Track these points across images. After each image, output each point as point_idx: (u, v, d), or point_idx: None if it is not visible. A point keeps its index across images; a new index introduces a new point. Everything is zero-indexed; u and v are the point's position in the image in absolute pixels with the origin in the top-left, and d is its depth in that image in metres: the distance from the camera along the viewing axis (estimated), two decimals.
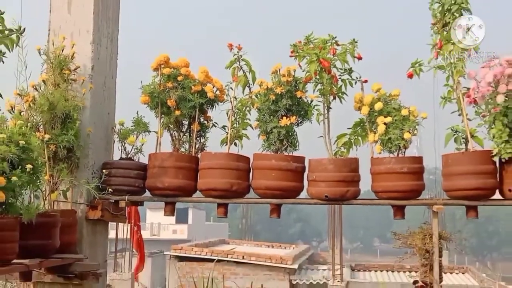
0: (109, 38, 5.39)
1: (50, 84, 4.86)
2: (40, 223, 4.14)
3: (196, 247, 19.30)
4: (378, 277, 18.84)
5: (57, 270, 4.69)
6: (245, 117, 5.25)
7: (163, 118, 5.21)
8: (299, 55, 4.94)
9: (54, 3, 5.20)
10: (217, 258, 16.28)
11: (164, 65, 5.14)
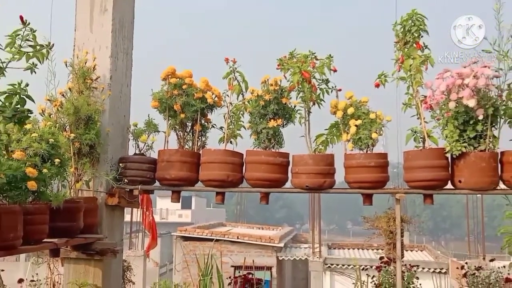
0: (125, 52, 5.38)
1: (75, 91, 4.85)
2: (67, 208, 4.13)
3: (198, 228, 19.28)
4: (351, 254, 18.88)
5: (81, 248, 4.70)
6: (239, 119, 5.25)
7: (170, 120, 5.20)
8: (284, 67, 4.96)
9: (79, 23, 5.18)
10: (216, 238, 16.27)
11: (171, 75, 5.14)
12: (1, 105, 3.06)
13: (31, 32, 3.10)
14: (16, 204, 3.54)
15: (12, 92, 3.04)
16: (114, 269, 5.11)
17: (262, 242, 17.91)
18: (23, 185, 3.60)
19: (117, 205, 5.05)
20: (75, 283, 4.68)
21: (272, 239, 18.08)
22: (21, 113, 3.09)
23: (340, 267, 16.60)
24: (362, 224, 6.87)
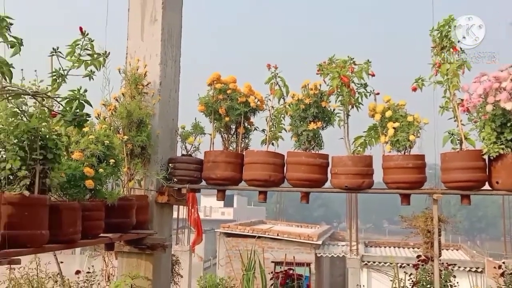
0: (173, 60, 5.46)
1: (128, 96, 4.95)
2: (120, 205, 4.23)
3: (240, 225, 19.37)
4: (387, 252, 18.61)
5: (133, 242, 4.78)
6: (280, 122, 5.26)
7: (216, 123, 5.25)
8: (323, 72, 4.95)
9: (131, 33, 5.29)
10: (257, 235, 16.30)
11: (216, 81, 5.19)
12: (62, 109, 3.16)
13: (89, 42, 3.19)
14: (75, 201, 3.65)
15: (72, 98, 3.13)
16: (163, 263, 5.19)
17: (301, 240, 17.84)
18: (81, 184, 3.71)
19: (167, 203, 5.13)
20: (128, 275, 4.77)
21: (310, 237, 17.98)
22: (80, 117, 3.18)
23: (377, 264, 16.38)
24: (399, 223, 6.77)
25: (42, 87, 3.18)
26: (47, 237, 3.23)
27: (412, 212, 5.90)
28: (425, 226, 5.39)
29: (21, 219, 3.04)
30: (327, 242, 20.14)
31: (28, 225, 3.09)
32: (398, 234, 32.71)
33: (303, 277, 6.67)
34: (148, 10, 5.20)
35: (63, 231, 3.43)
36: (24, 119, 3.15)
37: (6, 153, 3.11)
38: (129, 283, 4.71)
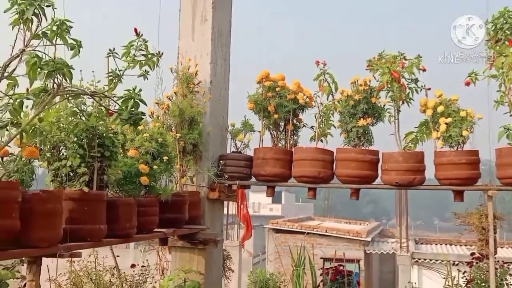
0: (223, 59, 5.50)
1: (180, 95, 5.02)
2: (174, 201, 4.30)
3: (289, 222, 19.31)
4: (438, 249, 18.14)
5: (186, 237, 4.86)
6: (329, 119, 5.22)
7: (265, 120, 5.26)
8: (373, 68, 4.87)
9: (182, 33, 5.36)
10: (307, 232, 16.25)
11: (265, 79, 5.20)
12: (118, 108, 3.25)
13: (144, 43, 3.26)
14: (131, 197, 3.74)
15: (128, 97, 3.21)
16: (215, 257, 5.25)
17: (350, 236, 17.63)
18: (136, 180, 3.80)
19: (218, 198, 5.19)
20: (181, 269, 4.85)
21: (359, 233, 17.75)
22: (135, 116, 3.25)
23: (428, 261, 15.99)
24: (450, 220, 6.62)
25: (99, 87, 3.27)
26: (105, 231, 3.33)
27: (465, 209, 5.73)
28: (479, 223, 5.23)
29: (81, 214, 3.15)
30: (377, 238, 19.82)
31: (87, 220, 3.20)
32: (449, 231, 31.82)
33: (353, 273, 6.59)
34: (198, 10, 5.25)
35: (120, 226, 3.53)
36: (83, 118, 3.26)
37: (66, 151, 3.23)
38: (182, 277, 4.79)
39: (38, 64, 2.70)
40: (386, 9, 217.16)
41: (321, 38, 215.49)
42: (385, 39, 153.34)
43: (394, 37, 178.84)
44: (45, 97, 2.88)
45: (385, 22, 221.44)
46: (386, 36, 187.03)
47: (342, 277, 6.28)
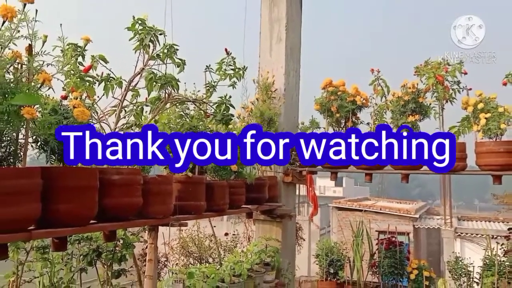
0: (295, 70, 5.46)
1: (260, 100, 5.05)
2: (256, 183, 4.33)
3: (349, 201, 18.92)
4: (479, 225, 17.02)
5: (267, 212, 4.89)
6: (382, 116, 5.03)
7: (328, 119, 5.17)
8: (420, 73, 4.64)
9: (262, 51, 5.37)
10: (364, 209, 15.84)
11: (329, 85, 5.10)
12: (214, 111, 3.32)
13: (232, 59, 3.31)
14: (224, 181, 3.81)
15: (220, 102, 3.27)
16: (290, 228, 5.25)
17: (400, 214, 16.99)
18: (228, 167, 3.86)
19: (291, 182, 5.17)
20: (263, 237, 4.90)
21: (409, 211, 17.04)
22: (226, 117, 3.32)
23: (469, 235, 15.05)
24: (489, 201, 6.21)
25: (199, 95, 3.37)
26: (205, 207, 3.42)
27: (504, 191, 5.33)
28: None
29: (186, 193, 3.25)
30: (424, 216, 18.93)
31: (191, 198, 3.29)
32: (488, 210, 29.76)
33: (404, 243, 6.34)
34: (275, 33, 5.25)
35: (216, 202, 3.60)
36: (187, 120, 3.36)
37: None
38: (264, 243, 4.84)
39: (153, 79, 2.82)
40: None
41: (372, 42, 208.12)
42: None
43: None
44: (159, 104, 3.00)
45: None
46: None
47: (394, 247, 6.06)
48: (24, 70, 1.99)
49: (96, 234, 3.92)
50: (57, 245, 2.29)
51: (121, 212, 2.56)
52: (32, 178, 1.99)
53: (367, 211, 16.36)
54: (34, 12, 2.01)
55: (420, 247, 19.48)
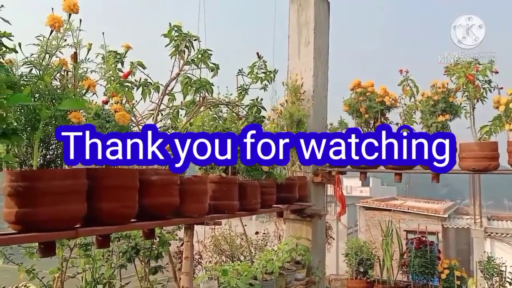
0: (323, 72, 5.41)
1: (289, 102, 5.03)
2: (287, 183, 4.30)
3: (376, 201, 18.61)
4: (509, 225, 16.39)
5: (297, 212, 4.86)
6: (412, 116, 4.91)
7: (357, 120, 5.09)
8: (450, 73, 4.50)
9: (290, 54, 5.35)
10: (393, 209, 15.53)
11: (357, 86, 5.04)
12: (245, 114, 3.33)
13: (263, 63, 3.31)
14: (255, 181, 3.81)
15: (252, 105, 3.28)
16: (319, 227, 5.19)
17: (429, 213, 16.56)
18: (259, 168, 3.85)
19: (320, 182, 5.12)
20: (293, 236, 4.87)
21: (437, 211, 16.60)
22: (258, 119, 3.32)
23: (500, 235, 14.52)
24: None
25: (231, 98, 3.38)
26: (238, 206, 3.42)
27: None
28: None
29: (220, 193, 3.26)
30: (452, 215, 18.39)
31: (225, 197, 3.30)
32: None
33: (434, 243, 6.17)
34: (303, 36, 5.22)
35: (248, 202, 3.60)
36: (220, 122, 3.38)
37: None
38: (294, 242, 4.81)
39: (189, 83, 2.85)
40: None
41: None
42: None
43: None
44: (193, 107, 3.03)
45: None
46: None
47: (425, 246, 5.91)
48: (70, 77, 2.05)
49: (134, 232, 3.99)
50: (101, 242, 2.34)
51: (159, 211, 2.59)
52: (78, 179, 2.05)
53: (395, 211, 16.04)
54: (78, 22, 2.07)
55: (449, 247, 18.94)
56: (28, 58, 1.97)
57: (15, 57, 2.00)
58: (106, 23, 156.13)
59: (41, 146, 1.99)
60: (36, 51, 1.99)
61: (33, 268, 3.61)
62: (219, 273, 3.54)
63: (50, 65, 1.99)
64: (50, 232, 1.95)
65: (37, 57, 1.98)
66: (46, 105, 1.91)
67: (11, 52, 1.91)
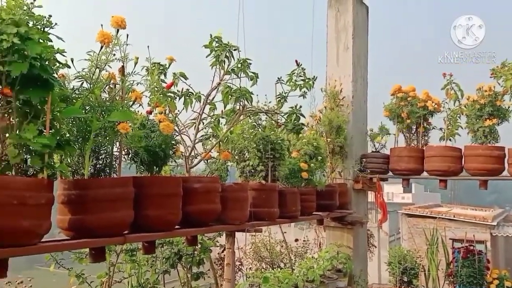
0: (362, 77, 5.34)
1: (328, 108, 5.00)
2: (327, 191, 4.28)
3: (419, 208, 18.00)
4: None
5: (337, 219, 4.81)
6: (457, 121, 4.76)
7: (398, 125, 5.00)
8: (497, 75, 4.33)
9: (329, 60, 5.32)
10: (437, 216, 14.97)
11: (398, 91, 4.94)
12: (285, 121, 3.35)
13: (302, 71, 3.31)
14: (295, 188, 3.81)
15: (291, 112, 3.29)
16: (361, 235, 5.11)
17: (477, 221, 15.83)
18: (298, 175, 3.85)
19: (361, 189, 5.05)
20: (334, 244, 4.81)
21: (485, 218, 15.82)
22: (297, 126, 3.32)
23: None
24: None
25: (270, 106, 3.40)
26: (278, 213, 3.44)
27: None
28: None
29: (260, 200, 3.28)
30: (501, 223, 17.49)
31: (265, 204, 3.32)
32: None
33: (483, 252, 5.90)
34: (341, 41, 5.18)
35: (288, 209, 3.61)
36: (260, 130, 3.41)
37: (248, 154, 3.40)
38: (335, 250, 4.75)
39: (229, 93, 2.90)
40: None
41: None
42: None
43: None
44: (234, 116, 3.08)
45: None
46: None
47: (473, 255, 5.66)
48: (118, 90, 2.15)
49: (177, 238, 4.08)
50: (147, 248, 2.42)
51: (202, 218, 2.64)
52: (126, 187, 2.13)
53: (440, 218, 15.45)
54: (125, 36, 2.17)
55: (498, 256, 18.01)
56: (80, 72, 2.07)
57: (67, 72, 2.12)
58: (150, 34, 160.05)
59: (92, 156, 2.09)
60: (87, 66, 2.10)
61: (82, 272, 3.76)
62: (260, 280, 3.55)
63: (99, 79, 2.10)
64: (100, 238, 2.04)
65: (87, 71, 2.08)
66: (97, 117, 2.00)
67: (64, 67, 2.02)
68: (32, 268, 11.29)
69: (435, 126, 4.94)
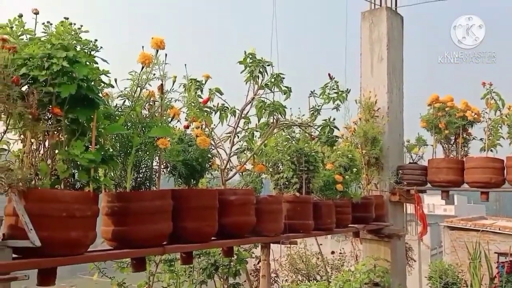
0: (397, 88, 5.28)
1: (363, 120, 4.96)
2: (363, 203, 4.24)
3: (462, 220, 17.30)
4: None
5: (374, 232, 4.74)
6: (498, 131, 4.61)
7: (436, 136, 4.89)
8: None
9: (363, 71, 5.29)
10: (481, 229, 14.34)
11: (435, 101, 4.86)
12: (318, 134, 3.37)
13: (335, 83, 3.34)
14: (330, 200, 3.80)
15: (325, 125, 3.31)
16: (399, 248, 5.00)
17: None
18: (333, 187, 3.85)
19: (398, 201, 4.96)
20: (371, 257, 4.74)
21: None
22: (331, 138, 3.34)
23: None
24: None
25: (304, 119, 3.44)
26: (312, 225, 3.44)
27: None
28: None
29: (295, 212, 3.30)
30: None
31: (300, 216, 3.34)
32: None
33: None
34: (375, 52, 5.16)
35: (323, 221, 3.60)
36: (293, 143, 3.45)
37: (282, 167, 3.44)
38: (372, 263, 4.68)
39: (263, 107, 2.97)
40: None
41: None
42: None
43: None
44: (268, 129, 3.14)
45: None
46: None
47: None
48: (158, 107, 2.26)
49: (213, 249, 4.16)
50: (185, 259, 2.50)
51: (238, 230, 2.70)
52: (165, 200, 2.22)
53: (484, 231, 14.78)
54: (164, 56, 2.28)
55: None
56: (122, 91, 2.21)
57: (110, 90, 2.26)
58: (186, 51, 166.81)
59: (133, 170, 2.20)
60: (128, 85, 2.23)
61: (123, 281, 3.91)
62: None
63: (140, 97, 2.22)
64: (141, 248, 2.14)
65: (129, 90, 2.21)
66: (138, 133, 2.12)
67: (109, 87, 2.16)
68: (75, 277, 11.74)
69: (475, 136, 4.80)
